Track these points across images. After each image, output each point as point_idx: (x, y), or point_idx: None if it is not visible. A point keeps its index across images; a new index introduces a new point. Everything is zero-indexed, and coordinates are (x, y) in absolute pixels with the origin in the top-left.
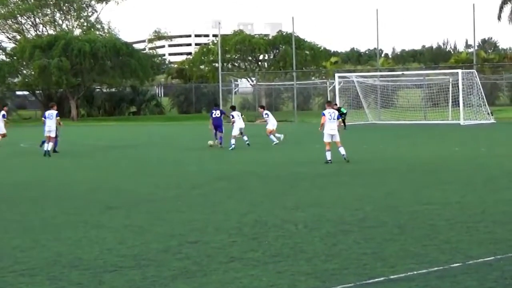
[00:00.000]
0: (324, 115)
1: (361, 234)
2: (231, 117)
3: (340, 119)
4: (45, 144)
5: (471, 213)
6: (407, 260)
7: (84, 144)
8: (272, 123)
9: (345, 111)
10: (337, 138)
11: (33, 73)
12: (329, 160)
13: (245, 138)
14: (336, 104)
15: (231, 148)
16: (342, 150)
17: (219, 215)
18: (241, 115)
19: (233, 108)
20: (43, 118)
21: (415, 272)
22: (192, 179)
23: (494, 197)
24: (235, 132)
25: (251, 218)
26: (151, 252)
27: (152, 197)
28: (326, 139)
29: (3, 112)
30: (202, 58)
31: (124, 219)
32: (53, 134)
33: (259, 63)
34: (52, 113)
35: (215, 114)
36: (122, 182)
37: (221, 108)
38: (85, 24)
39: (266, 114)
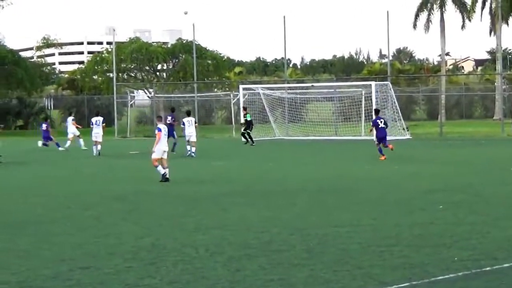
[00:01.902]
0: (160, 130)
1: (267, 259)
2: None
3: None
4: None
5: (385, 236)
6: (317, 287)
7: None
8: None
9: (249, 118)
10: (166, 156)
11: None
12: (165, 174)
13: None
14: (245, 109)
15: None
16: (167, 171)
17: (113, 238)
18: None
19: (188, 114)
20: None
21: None
22: (83, 199)
23: (408, 219)
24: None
25: (148, 242)
26: (39, 278)
27: (39, 219)
28: (158, 155)
29: None
30: (95, 67)
31: (6, 242)
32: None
33: (157, 73)
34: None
35: (169, 120)
36: (5, 202)
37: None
38: None
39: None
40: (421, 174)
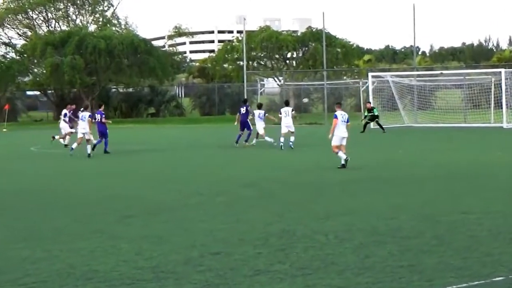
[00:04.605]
0: (336, 117)
1: (396, 245)
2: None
3: (349, 123)
4: (88, 147)
5: None
6: (446, 274)
7: (99, 148)
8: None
9: (377, 113)
10: (345, 142)
11: (44, 72)
12: (346, 159)
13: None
14: (370, 103)
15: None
16: (343, 158)
17: (244, 224)
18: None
19: (286, 104)
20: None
21: (455, 287)
22: (214, 186)
23: None
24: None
25: (278, 228)
26: (170, 264)
27: (172, 205)
28: (336, 142)
29: (65, 111)
30: (226, 56)
31: (141, 228)
32: (87, 136)
33: (287, 61)
34: (84, 115)
35: (243, 111)
36: (139, 189)
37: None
38: (101, 19)
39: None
40: None
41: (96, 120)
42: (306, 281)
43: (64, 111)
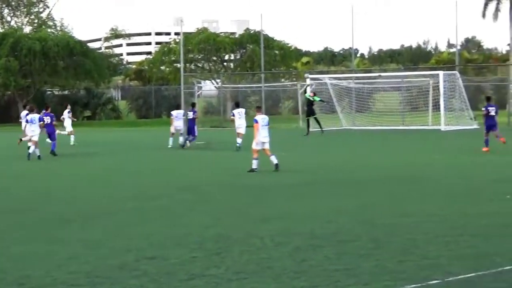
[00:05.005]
0: (256, 122)
1: (333, 249)
2: (231, 115)
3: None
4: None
5: (451, 226)
6: (382, 277)
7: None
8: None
9: (318, 100)
10: (267, 146)
11: None
12: (256, 169)
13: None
14: (314, 93)
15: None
16: (274, 159)
17: (180, 228)
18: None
19: (237, 105)
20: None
21: None
22: (151, 190)
23: (475, 210)
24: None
25: (214, 232)
26: (106, 268)
27: (109, 209)
28: (258, 146)
29: (26, 111)
30: (163, 58)
31: (77, 232)
32: (35, 138)
33: (225, 63)
34: (34, 117)
35: (190, 115)
36: (76, 192)
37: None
38: (36, 21)
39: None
40: (489, 164)
41: (46, 122)
42: (241, 285)
43: (25, 111)
